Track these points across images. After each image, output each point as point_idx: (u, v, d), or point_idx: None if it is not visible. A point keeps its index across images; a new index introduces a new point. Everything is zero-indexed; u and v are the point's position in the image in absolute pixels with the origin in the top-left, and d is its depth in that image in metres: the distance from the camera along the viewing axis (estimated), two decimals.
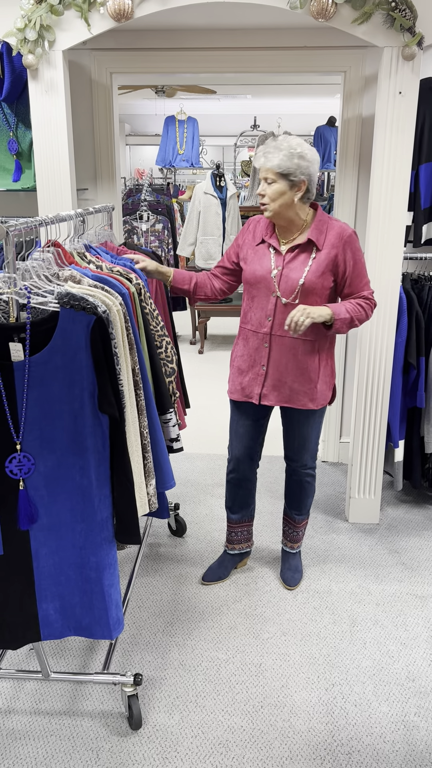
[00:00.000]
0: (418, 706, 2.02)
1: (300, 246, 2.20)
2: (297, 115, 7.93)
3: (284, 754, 1.86)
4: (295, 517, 2.59)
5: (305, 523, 2.62)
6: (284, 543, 2.67)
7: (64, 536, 1.70)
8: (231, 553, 2.67)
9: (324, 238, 2.18)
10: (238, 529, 2.63)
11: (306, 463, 2.48)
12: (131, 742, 1.90)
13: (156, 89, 6.47)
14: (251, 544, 2.70)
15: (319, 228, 2.19)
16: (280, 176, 2.09)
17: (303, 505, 2.56)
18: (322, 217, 2.21)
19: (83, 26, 2.47)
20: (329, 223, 2.20)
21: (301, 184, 2.11)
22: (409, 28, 2.40)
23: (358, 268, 2.20)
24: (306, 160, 2.08)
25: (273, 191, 2.11)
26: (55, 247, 1.85)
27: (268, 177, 2.10)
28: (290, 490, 2.56)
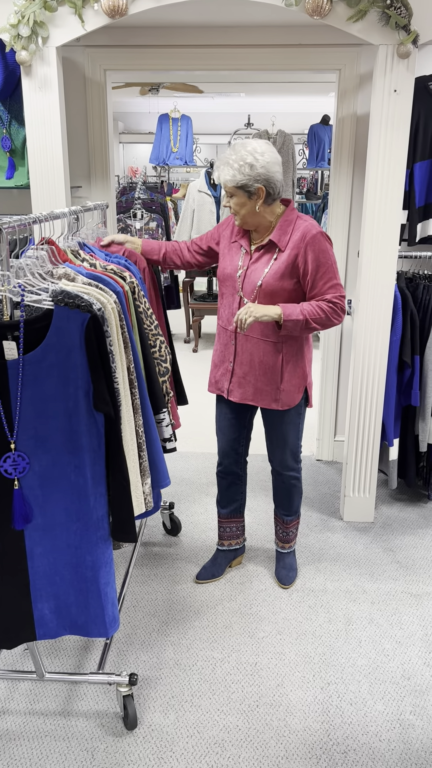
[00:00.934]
0: (413, 705, 2.02)
1: (264, 247, 2.20)
2: (291, 113, 7.91)
3: (280, 753, 1.86)
4: (285, 518, 2.59)
5: (296, 523, 2.62)
6: (276, 543, 2.67)
7: (60, 536, 1.69)
8: (223, 550, 2.68)
9: (288, 239, 2.16)
10: (228, 524, 2.65)
11: (287, 464, 2.46)
12: (126, 742, 1.89)
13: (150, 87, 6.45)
14: (243, 540, 2.71)
15: (284, 229, 2.17)
16: (237, 189, 2.10)
17: (291, 506, 2.56)
18: (288, 216, 2.19)
19: (77, 22, 2.45)
20: (296, 223, 2.17)
21: (259, 192, 2.10)
22: (405, 26, 2.40)
23: (322, 271, 2.13)
24: (257, 168, 2.06)
25: (234, 203, 2.15)
26: (49, 244, 1.84)
27: (228, 189, 2.13)
28: (277, 492, 2.56)
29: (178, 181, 8.45)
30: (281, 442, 2.42)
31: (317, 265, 2.13)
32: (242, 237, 2.27)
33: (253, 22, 2.84)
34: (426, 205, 3.00)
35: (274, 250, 2.18)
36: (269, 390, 2.29)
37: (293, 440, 2.43)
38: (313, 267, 2.13)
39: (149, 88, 6.51)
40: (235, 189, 2.11)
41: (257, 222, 2.19)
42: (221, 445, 2.53)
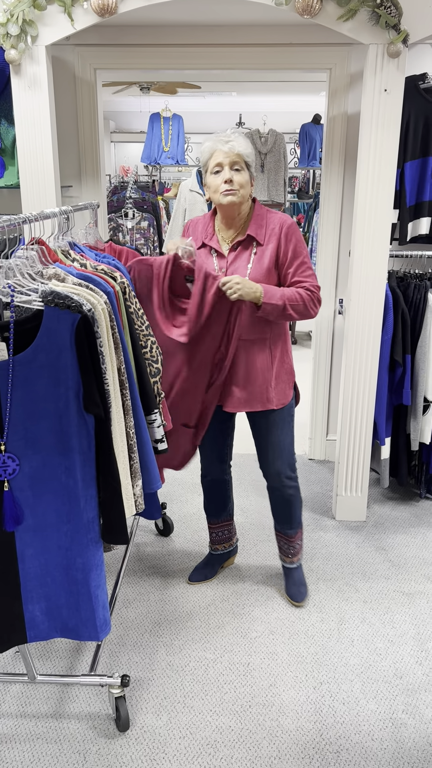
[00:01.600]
0: (405, 704, 2.03)
1: (242, 243, 2.13)
2: (282, 112, 7.91)
3: (273, 753, 1.86)
4: (288, 532, 2.44)
5: (300, 534, 2.48)
6: (282, 559, 2.52)
7: (50, 537, 1.68)
8: (215, 554, 2.65)
9: (264, 232, 2.11)
10: (219, 529, 2.61)
11: (283, 473, 2.33)
12: (119, 744, 1.88)
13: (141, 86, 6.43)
14: (235, 540, 2.68)
15: (258, 222, 2.12)
16: (245, 165, 2.06)
17: (293, 519, 2.42)
18: (260, 211, 2.14)
19: (66, 21, 2.44)
20: (267, 216, 2.13)
21: (253, 179, 2.11)
22: (395, 26, 2.40)
23: (300, 260, 2.10)
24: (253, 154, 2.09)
25: (241, 179, 2.05)
26: (39, 244, 1.83)
27: (237, 162, 2.04)
28: (276, 507, 2.42)
29: (170, 180, 8.44)
30: (276, 448, 2.29)
31: (295, 254, 2.10)
32: (210, 238, 2.17)
33: (243, 21, 2.84)
34: (417, 204, 3.00)
35: (252, 245, 2.12)
36: (262, 391, 2.20)
37: (288, 444, 2.32)
38: (291, 256, 2.10)
39: (140, 87, 6.49)
40: (245, 164, 2.05)
41: (240, 211, 2.11)
42: (207, 456, 2.45)
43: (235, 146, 2.02)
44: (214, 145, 2.06)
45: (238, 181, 2.04)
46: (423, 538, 2.92)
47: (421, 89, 2.85)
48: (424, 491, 3.23)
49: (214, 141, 2.07)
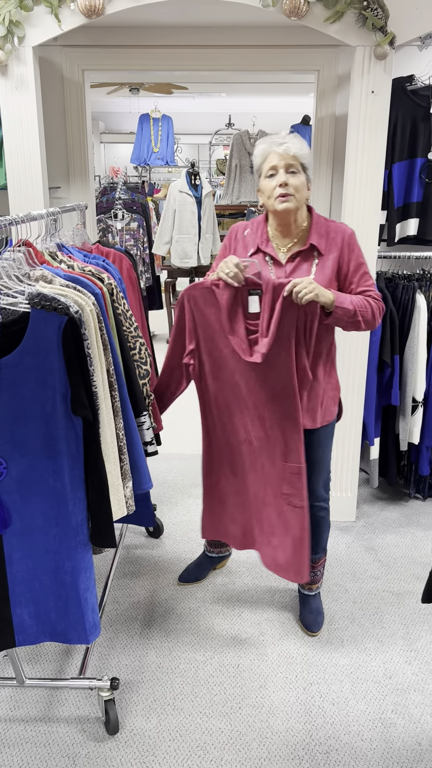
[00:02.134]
0: (395, 704, 2.03)
1: (302, 253, 1.99)
2: (271, 113, 7.93)
3: (262, 755, 1.86)
4: (313, 557, 2.28)
5: (324, 560, 2.36)
6: (301, 585, 2.39)
7: (38, 540, 1.68)
8: (210, 556, 2.62)
9: (325, 241, 1.98)
10: None
11: (318, 494, 2.20)
12: (108, 747, 1.88)
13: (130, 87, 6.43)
14: (230, 548, 2.64)
15: (319, 231, 1.99)
16: (302, 168, 1.93)
17: (319, 543, 2.29)
18: (319, 219, 2.02)
19: (54, 22, 2.43)
20: (327, 224, 2.01)
21: (310, 185, 1.98)
22: (381, 28, 2.41)
23: (362, 270, 2.00)
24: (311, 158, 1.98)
25: (299, 182, 1.91)
26: (26, 246, 1.82)
27: (293, 165, 1.91)
28: None
29: (160, 181, 8.44)
30: (316, 467, 2.16)
31: (358, 264, 2.00)
32: (265, 244, 2.02)
33: (231, 22, 2.84)
34: (405, 205, 3.02)
35: (313, 256, 1.98)
36: (315, 407, 2.06)
37: (328, 463, 2.20)
38: (355, 266, 1.99)
39: (129, 88, 6.48)
40: (302, 167, 1.92)
41: (296, 217, 1.98)
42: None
43: (290, 148, 1.90)
44: (268, 147, 1.94)
45: (293, 185, 1.91)
46: (412, 538, 2.93)
47: (409, 91, 2.86)
48: (414, 491, 3.24)
49: (268, 143, 1.94)
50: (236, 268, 1.91)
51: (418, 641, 2.29)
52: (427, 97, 2.86)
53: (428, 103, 2.86)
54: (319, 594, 2.44)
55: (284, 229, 2.01)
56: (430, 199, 2.97)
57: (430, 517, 3.11)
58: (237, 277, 1.91)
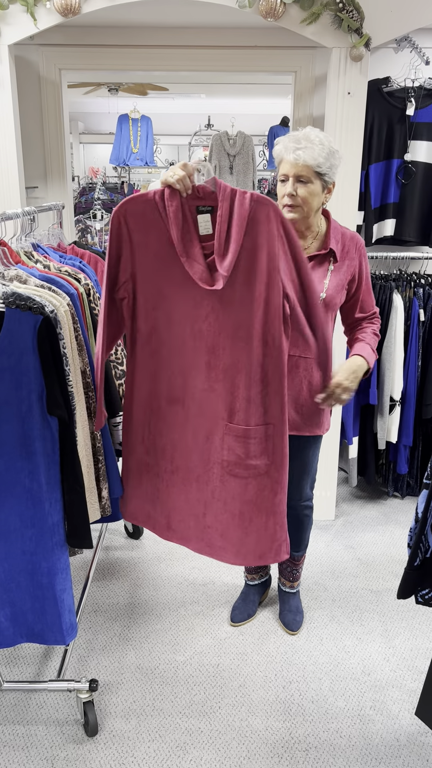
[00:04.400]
0: (373, 700, 2.05)
1: (318, 257, 1.91)
2: (251, 114, 7.94)
3: (242, 753, 1.86)
4: (294, 554, 2.31)
5: (304, 558, 2.37)
6: (282, 582, 2.39)
7: (14, 542, 1.66)
8: (252, 585, 2.45)
9: (341, 248, 1.92)
10: None
11: (305, 494, 2.21)
12: (87, 749, 1.87)
13: (109, 87, 6.40)
14: (268, 570, 2.48)
15: (336, 237, 1.92)
16: (317, 176, 1.80)
17: (302, 541, 2.30)
18: (335, 224, 1.95)
19: (29, 21, 2.42)
20: (342, 231, 1.96)
21: (331, 187, 1.87)
22: (357, 30, 2.43)
23: (369, 284, 1.99)
24: (337, 158, 1.82)
25: (308, 193, 1.81)
26: (1, 246, 1.81)
27: (303, 175, 1.79)
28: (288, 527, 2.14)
29: (139, 182, 8.41)
30: (305, 470, 2.16)
31: (367, 276, 1.97)
32: None
33: (208, 23, 2.85)
34: (381, 206, 3.04)
35: (328, 260, 1.91)
36: (317, 413, 2.02)
37: (315, 465, 2.20)
38: (364, 277, 1.96)
39: (108, 89, 6.46)
40: (316, 175, 1.79)
41: (309, 224, 1.89)
42: None
43: (302, 156, 1.76)
44: (283, 151, 1.82)
45: (301, 196, 1.81)
46: (391, 536, 2.96)
47: (385, 93, 2.89)
48: (392, 489, 3.27)
49: (284, 145, 1.81)
50: (184, 171, 1.54)
51: (396, 638, 2.31)
52: (402, 99, 2.89)
53: (404, 105, 2.89)
54: (299, 593, 2.45)
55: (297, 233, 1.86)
56: (407, 200, 3.00)
57: (408, 515, 3.14)
58: (184, 181, 1.54)
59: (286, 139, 1.82)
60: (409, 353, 2.99)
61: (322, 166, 1.78)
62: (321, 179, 1.81)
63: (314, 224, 1.91)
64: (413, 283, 3.02)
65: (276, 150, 1.85)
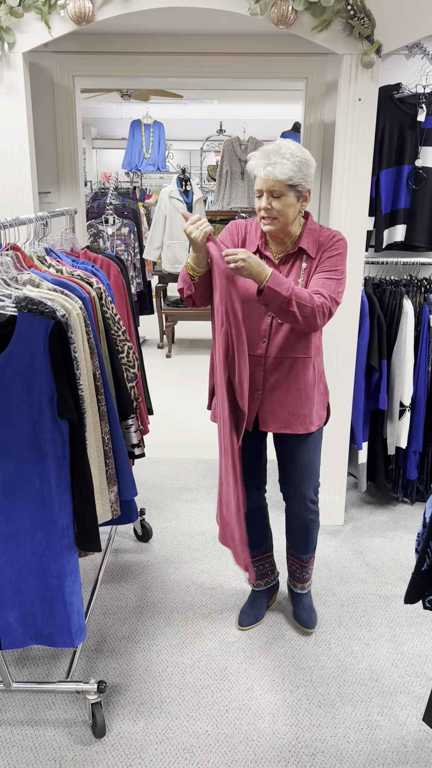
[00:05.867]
0: (381, 706, 2.04)
1: (292, 255, 2.00)
2: (262, 120, 7.98)
3: (249, 757, 1.86)
4: (302, 557, 2.33)
5: (314, 559, 2.38)
6: (293, 584, 2.42)
7: (24, 544, 1.68)
8: (259, 590, 2.46)
9: (316, 246, 1.98)
10: (260, 563, 2.42)
11: (308, 496, 2.20)
12: (95, 750, 1.88)
13: (122, 93, 6.46)
14: (277, 575, 2.50)
15: (310, 236, 1.99)
16: (289, 188, 1.86)
17: (309, 544, 2.30)
18: (313, 225, 2.01)
19: (43, 28, 2.45)
20: (321, 230, 2.01)
21: (307, 194, 1.92)
22: (368, 37, 2.44)
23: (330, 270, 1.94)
24: (310, 167, 1.88)
25: (282, 206, 1.87)
26: (14, 250, 1.83)
27: (276, 190, 1.85)
28: (294, 533, 2.29)
29: (151, 186, 8.46)
30: (305, 472, 2.15)
31: (327, 264, 1.96)
32: (264, 248, 2.03)
33: (221, 30, 2.87)
34: (392, 211, 3.05)
35: (302, 258, 1.98)
36: (304, 411, 2.05)
37: (317, 466, 2.18)
38: (323, 262, 1.97)
39: (121, 94, 6.51)
40: (288, 187, 1.85)
41: (289, 230, 1.95)
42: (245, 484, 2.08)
43: (272, 171, 1.83)
44: (255, 168, 1.88)
45: (276, 209, 1.88)
46: (400, 542, 2.95)
47: (396, 99, 2.90)
48: (401, 495, 3.26)
49: (256, 161, 1.87)
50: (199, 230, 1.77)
51: (405, 644, 2.31)
52: (413, 105, 2.90)
53: (415, 111, 2.90)
54: (310, 592, 2.46)
55: (276, 241, 2.00)
56: (417, 206, 3.01)
57: (417, 520, 3.13)
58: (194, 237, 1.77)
59: (258, 154, 1.88)
60: (419, 359, 2.99)
61: (294, 179, 1.84)
62: (294, 190, 1.88)
63: (293, 230, 1.98)
64: (423, 288, 3.02)
65: (249, 165, 1.91)
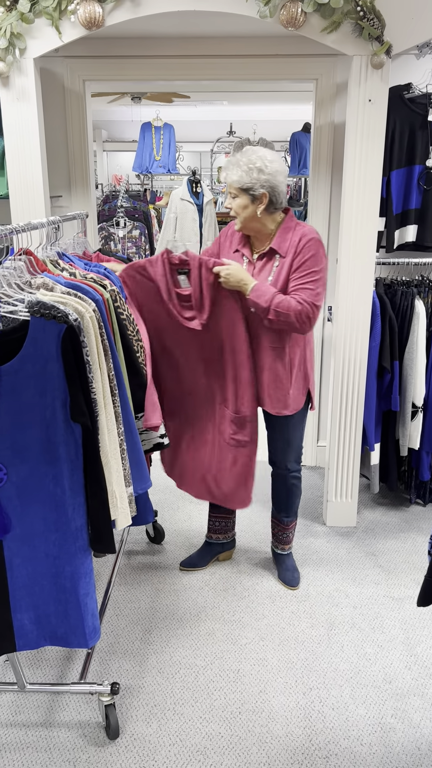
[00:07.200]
0: (394, 708, 2.04)
1: (266, 254, 2.23)
2: (273, 121, 7.97)
3: (262, 759, 1.86)
4: (284, 519, 2.62)
5: (294, 525, 2.66)
6: (275, 545, 2.71)
7: (38, 546, 1.69)
8: (210, 543, 2.75)
9: (287, 245, 2.18)
10: (217, 519, 2.72)
11: (290, 465, 2.51)
12: (109, 752, 1.89)
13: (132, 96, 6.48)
14: (232, 535, 2.77)
15: (283, 236, 2.20)
16: (241, 191, 2.14)
17: (291, 507, 2.60)
18: (288, 224, 2.22)
19: (54, 34, 2.47)
20: (295, 229, 2.20)
21: (263, 197, 2.14)
22: (378, 37, 2.43)
23: (305, 270, 2.15)
24: (265, 174, 2.11)
25: (236, 205, 2.17)
26: (27, 255, 1.84)
27: (232, 191, 2.17)
28: (277, 494, 2.60)
29: (162, 188, 8.48)
30: (286, 445, 2.47)
31: (304, 266, 2.15)
32: (244, 246, 2.29)
33: (230, 32, 2.87)
34: (403, 212, 3.03)
35: (275, 257, 2.21)
36: (279, 396, 2.32)
37: (298, 442, 2.49)
38: (297, 265, 2.16)
39: (131, 97, 6.53)
40: (240, 191, 2.15)
41: (256, 228, 2.22)
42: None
43: (228, 177, 2.16)
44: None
45: (233, 208, 2.18)
46: (413, 544, 2.94)
47: (406, 99, 2.89)
48: (414, 496, 3.25)
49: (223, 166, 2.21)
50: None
51: (418, 646, 2.30)
52: (424, 105, 2.89)
53: (426, 111, 2.89)
54: (292, 554, 2.71)
55: (255, 239, 2.27)
56: (429, 206, 2.99)
57: (430, 522, 3.12)
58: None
59: (228, 161, 2.21)
60: (431, 359, 2.98)
61: (245, 183, 2.12)
62: (247, 193, 2.14)
63: (264, 229, 2.22)
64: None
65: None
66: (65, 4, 2.39)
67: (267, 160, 2.13)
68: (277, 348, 2.26)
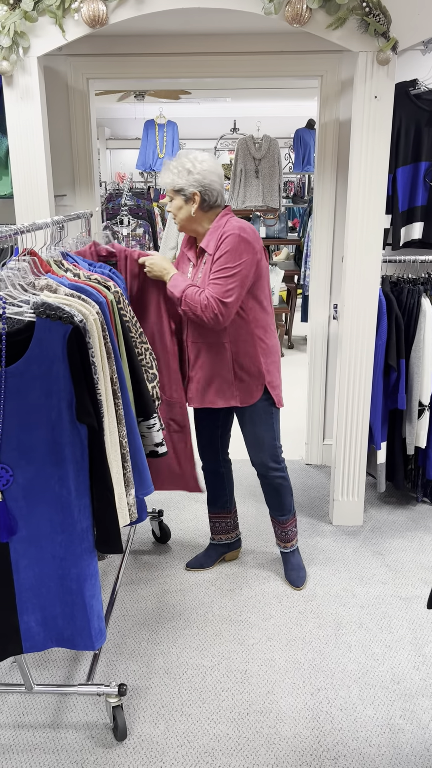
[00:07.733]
0: (403, 709, 2.03)
1: (199, 254, 2.30)
2: (277, 117, 7.94)
3: (270, 761, 1.86)
4: (279, 517, 2.61)
5: (293, 521, 2.64)
6: (278, 544, 2.70)
7: (44, 547, 1.69)
8: (214, 544, 2.76)
9: (214, 243, 2.21)
10: (216, 519, 2.73)
11: (267, 464, 2.49)
12: (116, 753, 1.88)
13: (135, 94, 6.46)
14: (236, 535, 2.77)
15: (212, 234, 2.23)
16: (175, 192, 2.23)
17: (283, 506, 2.59)
18: (218, 222, 2.24)
19: (58, 32, 2.45)
20: (224, 226, 2.21)
21: (194, 197, 2.20)
22: (384, 33, 2.41)
23: (219, 265, 2.16)
24: (193, 174, 2.17)
25: (173, 207, 2.27)
26: (31, 255, 1.83)
27: (168, 193, 2.27)
28: (266, 495, 2.60)
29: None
30: (257, 443, 2.47)
31: (217, 260, 2.17)
32: (190, 249, 2.37)
33: (234, 29, 2.86)
34: (409, 209, 3.02)
35: (204, 255, 2.27)
36: (225, 388, 2.35)
37: (269, 441, 2.46)
38: (214, 261, 2.19)
39: (135, 95, 6.52)
40: (174, 192, 2.23)
41: (194, 228, 2.29)
42: (198, 445, 2.62)
43: (161, 181, 2.27)
44: None
45: (171, 209, 2.27)
46: (420, 543, 2.93)
47: (412, 95, 2.87)
48: (421, 495, 3.23)
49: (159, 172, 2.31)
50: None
51: (426, 646, 2.29)
52: (430, 101, 2.87)
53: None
54: (297, 550, 2.69)
55: (198, 239, 2.34)
56: None
57: None
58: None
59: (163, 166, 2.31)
60: None
61: (177, 184, 2.21)
62: (180, 194, 2.22)
63: (200, 228, 2.28)
64: None
65: None
66: (69, 3, 2.38)
67: (197, 161, 2.19)
68: (214, 343, 2.29)
